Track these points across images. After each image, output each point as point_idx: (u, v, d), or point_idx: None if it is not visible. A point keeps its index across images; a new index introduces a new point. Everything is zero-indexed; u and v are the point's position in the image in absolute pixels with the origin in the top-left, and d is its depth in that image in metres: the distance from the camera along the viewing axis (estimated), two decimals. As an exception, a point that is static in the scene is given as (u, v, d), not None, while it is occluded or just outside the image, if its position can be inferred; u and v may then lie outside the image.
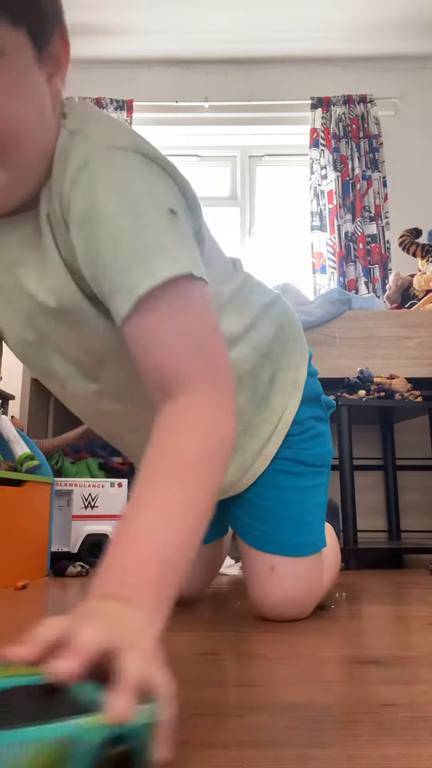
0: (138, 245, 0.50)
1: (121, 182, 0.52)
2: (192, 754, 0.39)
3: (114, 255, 0.51)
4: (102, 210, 0.51)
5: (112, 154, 0.53)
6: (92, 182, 0.52)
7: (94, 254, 0.52)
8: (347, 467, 1.72)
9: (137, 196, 0.52)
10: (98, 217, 0.51)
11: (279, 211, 3.01)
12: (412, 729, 0.43)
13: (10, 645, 0.36)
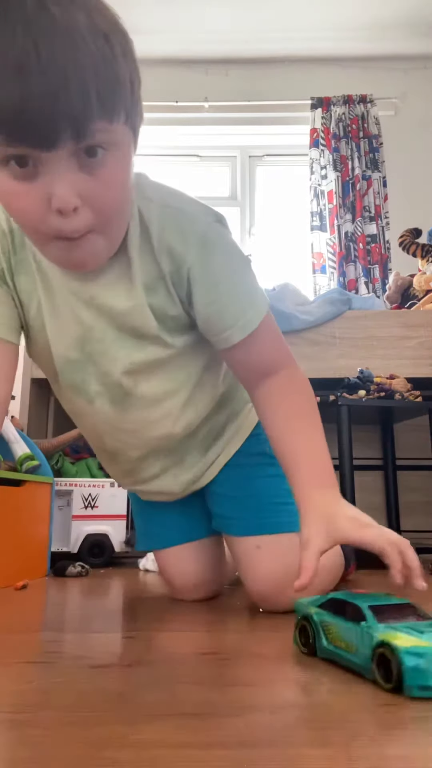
0: (245, 293, 0.77)
1: (225, 250, 0.77)
2: (192, 754, 0.39)
3: (231, 300, 0.76)
4: (218, 272, 0.75)
5: (215, 230, 0.76)
6: (209, 254, 0.74)
7: (213, 301, 0.75)
8: (347, 467, 1.71)
9: (235, 256, 0.79)
10: (216, 277, 0.75)
11: (279, 211, 3.01)
12: (412, 729, 0.43)
13: (10, 645, 0.35)
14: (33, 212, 0.60)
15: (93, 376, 0.81)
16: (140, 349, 0.78)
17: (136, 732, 0.42)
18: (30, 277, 0.76)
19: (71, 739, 0.41)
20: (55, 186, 0.57)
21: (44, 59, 0.51)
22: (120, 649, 0.69)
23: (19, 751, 0.40)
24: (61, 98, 0.52)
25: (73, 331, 0.78)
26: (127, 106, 0.59)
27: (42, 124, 0.53)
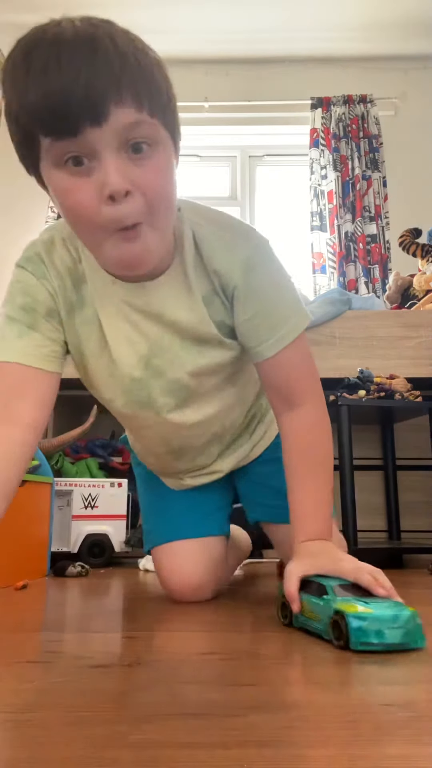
0: (288, 306, 0.83)
1: (267, 272, 0.83)
2: (192, 754, 0.39)
3: (267, 318, 0.81)
4: (258, 292, 0.81)
5: (260, 252, 0.84)
6: (252, 276, 0.81)
7: (250, 318, 0.81)
8: (347, 467, 1.72)
9: (276, 277, 0.84)
10: (256, 297, 0.81)
11: (279, 211, 3.01)
12: (412, 729, 0.43)
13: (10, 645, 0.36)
14: (88, 204, 0.65)
15: (159, 389, 0.87)
16: (204, 354, 0.86)
17: (136, 732, 0.42)
18: (90, 309, 0.83)
19: (71, 739, 0.41)
20: (108, 176, 0.63)
21: (64, 61, 0.61)
22: (120, 649, 0.69)
23: (19, 751, 0.40)
24: (76, 88, 0.60)
25: (138, 349, 0.84)
26: (159, 104, 0.67)
27: (62, 112, 0.61)
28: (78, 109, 0.61)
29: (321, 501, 0.84)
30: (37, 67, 0.62)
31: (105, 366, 0.86)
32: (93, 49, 0.63)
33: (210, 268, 0.80)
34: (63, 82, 0.60)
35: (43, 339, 0.82)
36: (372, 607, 0.66)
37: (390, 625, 0.64)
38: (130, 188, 0.64)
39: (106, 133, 0.63)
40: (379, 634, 0.63)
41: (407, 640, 0.64)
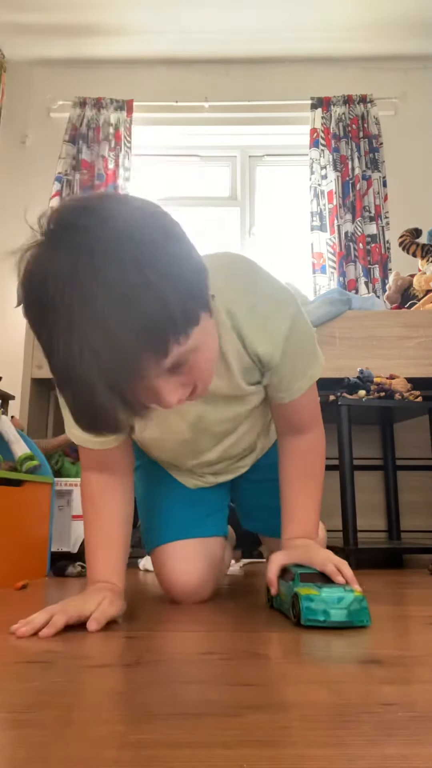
0: (309, 362, 0.94)
1: (299, 339, 0.90)
2: (192, 753, 0.39)
3: (291, 375, 0.92)
4: (290, 357, 0.89)
5: (295, 323, 0.89)
6: (288, 346, 0.88)
7: (279, 376, 0.92)
8: (347, 467, 1.72)
9: (305, 338, 0.92)
10: (286, 360, 0.89)
11: (279, 211, 3.01)
12: (412, 729, 0.43)
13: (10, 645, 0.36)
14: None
15: (204, 440, 1.01)
16: (242, 403, 0.98)
17: (136, 732, 0.42)
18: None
19: (71, 739, 0.41)
20: (162, 399, 0.67)
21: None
22: (120, 649, 0.69)
23: (19, 751, 0.40)
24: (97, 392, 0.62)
25: (187, 419, 0.96)
26: (181, 323, 0.62)
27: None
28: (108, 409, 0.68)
29: (310, 508, 0.98)
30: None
31: (159, 434, 0.99)
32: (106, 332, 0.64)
33: (251, 351, 0.88)
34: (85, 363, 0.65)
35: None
36: (323, 591, 0.80)
37: (335, 605, 0.78)
38: (184, 397, 0.70)
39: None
40: (325, 612, 0.78)
41: (351, 619, 0.78)
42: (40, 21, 2.76)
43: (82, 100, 2.88)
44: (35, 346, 2.02)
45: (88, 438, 0.92)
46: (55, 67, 3.02)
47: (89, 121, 2.85)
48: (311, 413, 1.00)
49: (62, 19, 2.75)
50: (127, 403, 0.62)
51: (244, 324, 0.85)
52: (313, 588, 0.80)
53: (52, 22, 2.77)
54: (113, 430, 0.65)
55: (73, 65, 3.01)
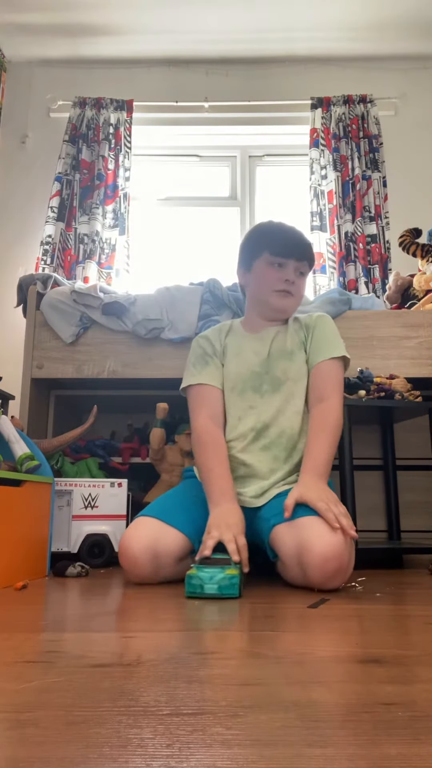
0: (336, 345, 1.50)
1: (327, 325, 1.54)
2: (192, 753, 0.39)
3: (322, 341, 1.51)
4: (321, 334, 1.52)
5: (325, 317, 1.56)
6: (320, 326, 1.53)
7: (314, 338, 1.52)
8: (347, 467, 1.72)
9: (332, 329, 1.54)
10: (320, 335, 1.52)
11: (279, 211, 3.01)
12: (412, 728, 0.43)
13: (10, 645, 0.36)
14: (278, 281, 1.51)
15: (264, 379, 1.49)
16: (292, 360, 1.50)
17: (136, 731, 0.42)
18: (235, 343, 1.56)
19: (71, 738, 0.41)
20: (290, 275, 1.51)
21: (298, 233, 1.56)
22: (120, 648, 0.69)
23: (19, 750, 0.40)
24: (302, 245, 1.53)
25: (259, 358, 1.51)
26: (311, 265, 1.56)
27: (295, 251, 1.51)
28: (300, 252, 1.52)
29: (327, 453, 1.34)
30: (284, 228, 1.56)
31: (237, 367, 1.52)
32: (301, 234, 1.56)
33: (302, 327, 1.56)
34: (300, 239, 1.54)
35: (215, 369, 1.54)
36: (204, 570, 1.09)
37: (207, 582, 1.07)
38: (296, 281, 1.53)
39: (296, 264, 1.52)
40: (200, 587, 1.06)
41: (221, 592, 1.06)
42: (40, 21, 2.76)
43: (82, 100, 2.88)
44: (35, 346, 2.02)
45: (201, 375, 1.50)
46: (55, 67, 3.02)
47: (89, 121, 2.85)
48: (333, 385, 1.44)
49: (62, 19, 2.75)
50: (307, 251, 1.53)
51: (300, 318, 1.58)
52: (197, 568, 1.09)
53: (52, 22, 2.77)
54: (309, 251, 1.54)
55: (73, 65, 3.01)
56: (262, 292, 1.53)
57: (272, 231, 1.55)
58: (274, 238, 1.52)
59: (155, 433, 1.81)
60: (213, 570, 1.08)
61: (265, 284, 1.52)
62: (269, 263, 1.51)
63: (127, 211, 2.75)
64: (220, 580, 1.06)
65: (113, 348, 2.01)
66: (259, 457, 1.43)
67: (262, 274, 1.52)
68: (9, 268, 2.79)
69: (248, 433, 1.44)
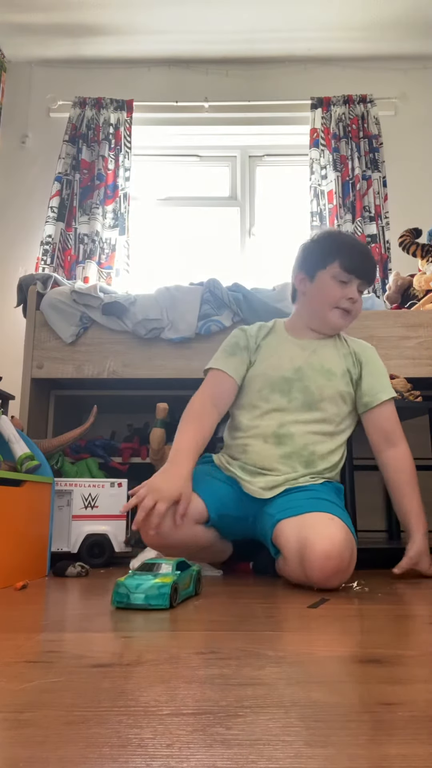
0: (387, 381, 1.50)
1: (377, 359, 1.53)
2: (192, 753, 0.39)
3: (379, 382, 1.49)
4: (373, 367, 1.50)
5: (374, 350, 1.55)
6: (371, 359, 1.51)
7: (370, 373, 1.49)
8: (347, 467, 1.71)
9: (381, 363, 1.53)
10: (374, 365, 1.51)
11: (279, 211, 3.01)
12: (412, 728, 0.43)
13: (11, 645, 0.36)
14: (342, 299, 1.45)
15: (295, 386, 1.44)
16: (329, 378, 1.45)
17: (136, 731, 0.42)
18: (273, 344, 1.52)
19: (71, 738, 0.41)
20: (353, 293, 1.46)
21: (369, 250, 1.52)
22: (120, 648, 0.69)
23: (19, 750, 0.40)
24: (373, 265, 1.49)
25: (293, 365, 1.46)
26: (372, 282, 1.51)
27: (365, 271, 1.46)
28: (369, 276, 1.48)
29: (420, 506, 1.39)
30: (357, 244, 1.51)
31: (267, 367, 1.47)
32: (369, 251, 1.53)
33: (353, 353, 1.52)
34: (370, 263, 1.49)
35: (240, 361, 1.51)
36: (132, 578, 0.97)
37: (134, 590, 0.95)
38: (359, 299, 1.48)
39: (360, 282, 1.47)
40: (126, 596, 0.95)
41: (147, 602, 0.94)
42: (40, 21, 2.76)
43: (82, 100, 2.88)
44: (35, 346, 2.02)
45: (225, 363, 1.48)
46: (55, 67, 3.02)
47: (89, 121, 2.85)
48: (399, 428, 1.46)
49: (62, 19, 2.75)
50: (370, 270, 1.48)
51: (349, 342, 1.54)
52: (130, 577, 0.97)
53: (52, 22, 2.77)
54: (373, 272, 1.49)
55: (73, 65, 3.01)
56: (322, 306, 1.45)
57: (346, 244, 1.47)
58: (347, 252, 1.44)
59: (155, 433, 1.81)
60: (143, 577, 0.97)
61: (326, 298, 1.44)
62: (335, 278, 1.43)
63: (127, 211, 2.75)
64: (147, 590, 0.94)
65: (113, 348, 2.00)
66: (279, 462, 1.40)
67: (326, 287, 1.44)
68: (9, 268, 2.79)
69: (269, 436, 1.41)
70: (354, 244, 1.48)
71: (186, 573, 1.05)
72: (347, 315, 1.46)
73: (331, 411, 1.43)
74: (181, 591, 1.01)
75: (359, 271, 1.43)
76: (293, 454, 1.39)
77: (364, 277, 1.45)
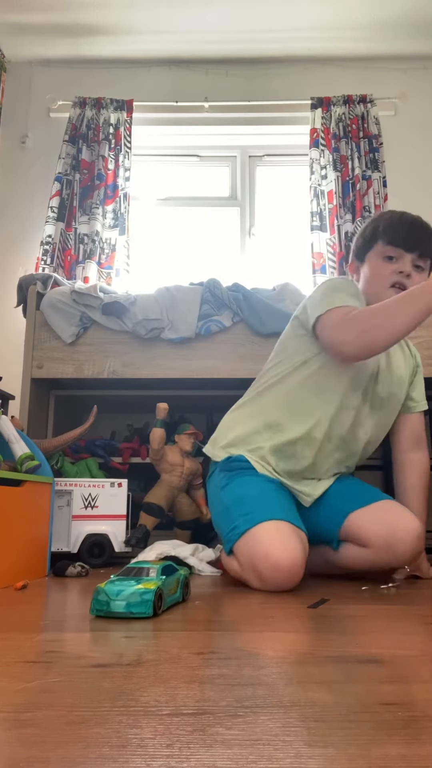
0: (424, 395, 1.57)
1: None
2: (192, 753, 0.39)
3: (422, 385, 1.56)
4: (420, 377, 1.56)
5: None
6: (420, 370, 1.57)
7: (420, 380, 1.55)
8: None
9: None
10: (422, 380, 1.56)
11: (279, 211, 3.01)
12: (412, 728, 0.43)
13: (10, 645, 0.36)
14: (392, 274, 1.38)
15: (370, 388, 1.41)
16: (401, 388, 1.48)
17: (136, 731, 0.42)
18: None
19: (71, 738, 0.41)
20: (405, 267, 1.39)
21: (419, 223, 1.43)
22: (120, 648, 0.69)
23: (19, 750, 0.40)
24: (422, 236, 1.40)
25: (370, 368, 1.41)
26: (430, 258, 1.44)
27: (411, 243, 1.39)
28: (421, 246, 1.39)
29: (426, 512, 1.45)
30: (403, 217, 1.43)
31: (347, 368, 1.38)
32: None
33: (414, 358, 1.57)
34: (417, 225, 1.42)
35: None
36: (114, 583, 0.90)
37: (114, 597, 0.87)
38: (412, 273, 1.39)
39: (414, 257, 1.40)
40: (106, 604, 0.88)
41: (128, 610, 0.87)
42: (40, 21, 2.76)
43: (82, 100, 2.88)
44: (35, 346, 2.02)
45: (353, 300, 1.35)
46: (55, 67, 3.02)
47: (89, 121, 2.85)
48: (424, 432, 1.52)
49: (62, 19, 2.75)
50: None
51: (412, 349, 1.59)
52: (110, 583, 0.91)
53: (52, 22, 2.77)
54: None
55: (73, 65, 3.01)
56: (377, 288, 1.39)
57: (388, 219, 1.41)
58: (389, 227, 1.38)
59: (155, 433, 1.81)
60: (124, 583, 0.90)
61: (378, 279, 1.39)
62: (381, 255, 1.39)
63: (127, 211, 2.75)
64: (129, 596, 0.87)
65: (113, 348, 2.00)
66: (326, 458, 1.41)
67: (375, 267, 1.40)
68: (9, 268, 2.79)
69: (322, 439, 1.38)
70: (399, 217, 1.41)
71: (172, 578, 0.99)
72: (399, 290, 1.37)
73: (391, 417, 1.50)
74: (167, 597, 0.94)
75: (406, 242, 1.36)
76: (337, 450, 1.44)
77: (414, 248, 1.37)
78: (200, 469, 1.90)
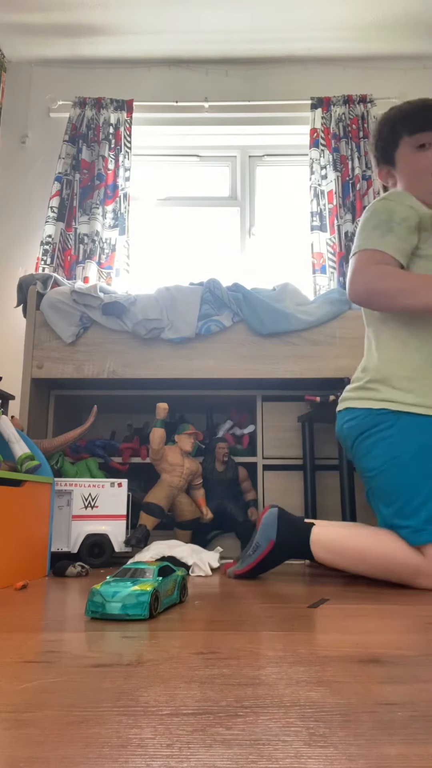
0: None
1: None
2: (192, 753, 0.39)
3: None
4: None
5: None
6: None
7: None
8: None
9: None
10: None
11: (279, 211, 3.01)
12: (412, 728, 0.43)
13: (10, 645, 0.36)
14: (429, 165, 1.29)
15: None
16: None
17: (136, 731, 0.42)
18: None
19: (71, 738, 0.41)
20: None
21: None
22: (120, 648, 0.69)
23: (19, 750, 0.40)
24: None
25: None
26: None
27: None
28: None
29: None
30: (415, 103, 1.34)
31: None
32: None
33: None
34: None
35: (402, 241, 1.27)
36: (110, 585, 0.89)
37: (110, 599, 0.86)
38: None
39: None
40: (102, 606, 0.86)
41: (124, 612, 0.86)
42: (40, 21, 2.76)
43: (82, 100, 2.88)
44: (35, 346, 2.02)
45: (394, 247, 1.24)
46: (55, 67, 3.02)
47: (89, 121, 2.85)
48: None
49: (62, 19, 2.75)
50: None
51: None
52: (105, 584, 0.89)
53: (52, 22, 2.77)
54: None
55: (73, 65, 3.01)
56: (419, 184, 1.30)
57: (401, 112, 1.33)
58: (407, 119, 1.31)
59: (155, 433, 1.81)
60: (120, 584, 0.89)
61: (419, 172, 1.30)
62: (413, 146, 1.31)
63: (127, 211, 2.75)
64: (124, 598, 0.86)
65: (113, 348, 2.01)
66: None
67: (410, 162, 1.31)
68: (9, 268, 2.79)
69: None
70: (409, 106, 1.33)
71: (169, 579, 0.97)
72: None
73: None
74: (164, 599, 0.93)
75: (431, 123, 1.28)
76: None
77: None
78: (200, 469, 1.90)
